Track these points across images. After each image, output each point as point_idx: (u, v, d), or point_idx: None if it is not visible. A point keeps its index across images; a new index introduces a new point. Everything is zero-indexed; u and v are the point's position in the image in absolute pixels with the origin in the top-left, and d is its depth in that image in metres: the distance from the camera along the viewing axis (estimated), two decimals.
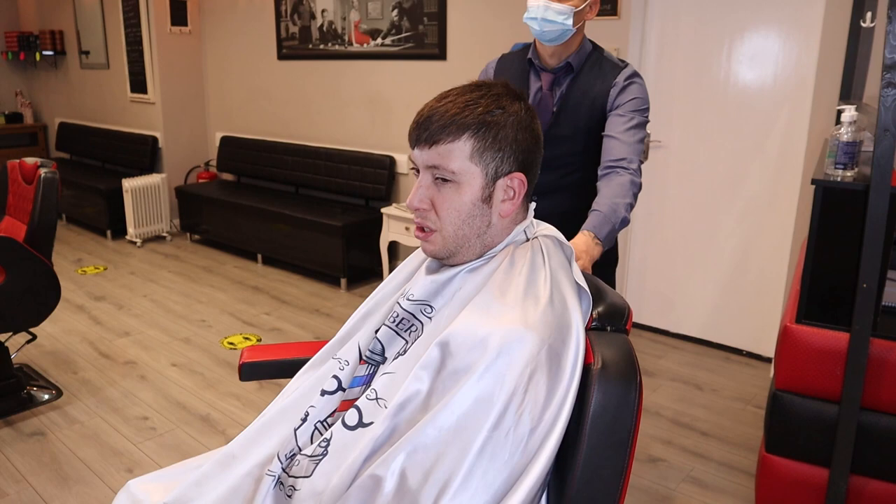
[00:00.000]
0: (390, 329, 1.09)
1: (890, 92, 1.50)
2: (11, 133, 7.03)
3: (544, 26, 1.67)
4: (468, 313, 0.98)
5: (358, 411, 1.00)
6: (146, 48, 5.53)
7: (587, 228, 1.55)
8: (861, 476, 1.74)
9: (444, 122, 1.02)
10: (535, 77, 1.79)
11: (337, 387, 1.09)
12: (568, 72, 1.76)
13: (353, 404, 1.02)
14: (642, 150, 1.70)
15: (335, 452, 0.98)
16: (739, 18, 3.18)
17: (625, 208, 1.60)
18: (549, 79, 1.77)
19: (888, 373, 1.66)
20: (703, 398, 3.00)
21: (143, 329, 3.72)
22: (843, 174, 1.72)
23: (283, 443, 1.07)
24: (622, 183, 1.63)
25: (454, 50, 4.10)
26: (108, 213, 5.45)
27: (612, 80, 1.72)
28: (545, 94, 1.77)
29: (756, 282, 3.34)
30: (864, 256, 1.59)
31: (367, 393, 1.02)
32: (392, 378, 1.01)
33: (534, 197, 1.20)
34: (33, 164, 2.82)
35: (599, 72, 1.74)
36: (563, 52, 1.74)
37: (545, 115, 1.77)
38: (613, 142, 1.69)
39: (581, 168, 1.79)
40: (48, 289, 2.77)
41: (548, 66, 1.77)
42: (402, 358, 1.03)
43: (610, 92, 1.71)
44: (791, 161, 3.12)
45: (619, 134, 1.68)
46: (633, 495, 2.32)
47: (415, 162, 1.08)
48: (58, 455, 2.53)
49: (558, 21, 1.65)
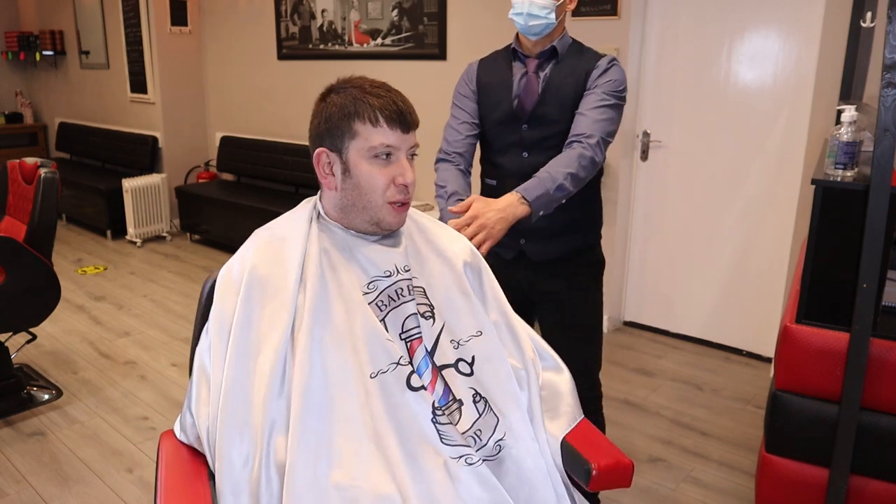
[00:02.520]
0: (395, 308, 1.17)
1: (890, 92, 1.50)
2: (11, 133, 7.03)
3: (529, 21, 1.74)
4: (441, 245, 1.32)
5: (460, 360, 1.21)
6: (146, 48, 5.54)
7: (517, 190, 1.59)
8: (861, 476, 1.74)
9: (411, 108, 1.19)
10: (519, 64, 1.85)
11: (419, 385, 1.14)
12: (552, 56, 1.82)
13: (450, 366, 1.19)
14: (609, 130, 1.73)
15: (486, 386, 1.20)
16: (739, 18, 3.18)
17: (564, 177, 1.63)
18: (534, 63, 1.83)
19: (888, 373, 1.66)
20: (703, 398, 3.00)
21: (143, 329, 3.72)
22: (843, 174, 1.72)
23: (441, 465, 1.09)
24: (571, 154, 1.67)
25: (454, 50, 4.10)
26: (108, 213, 5.45)
27: (594, 63, 1.78)
28: (531, 76, 1.82)
29: (756, 282, 3.34)
30: (864, 256, 1.59)
31: (441, 341, 1.20)
32: (451, 318, 1.23)
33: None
34: (33, 164, 2.82)
35: (581, 56, 1.81)
36: (546, 42, 1.81)
37: (531, 97, 1.81)
38: (580, 117, 1.74)
39: (561, 148, 1.79)
40: (48, 289, 2.77)
41: (531, 53, 1.83)
42: (435, 308, 1.22)
43: (592, 73, 1.77)
44: (791, 161, 3.12)
45: (587, 111, 1.73)
46: (634, 495, 2.32)
47: (392, 145, 1.16)
48: (58, 455, 2.53)
49: (542, 15, 1.73)
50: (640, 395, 3.02)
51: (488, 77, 1.89)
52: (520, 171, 1.80)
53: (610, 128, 1.74)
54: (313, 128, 1.22)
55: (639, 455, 2.55)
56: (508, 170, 1.85)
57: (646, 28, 3.43)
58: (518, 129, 1.82)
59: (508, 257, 1.89)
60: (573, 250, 1.88)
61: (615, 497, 2.29)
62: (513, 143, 1.84)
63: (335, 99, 1.19)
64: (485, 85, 1.88)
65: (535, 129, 1.81)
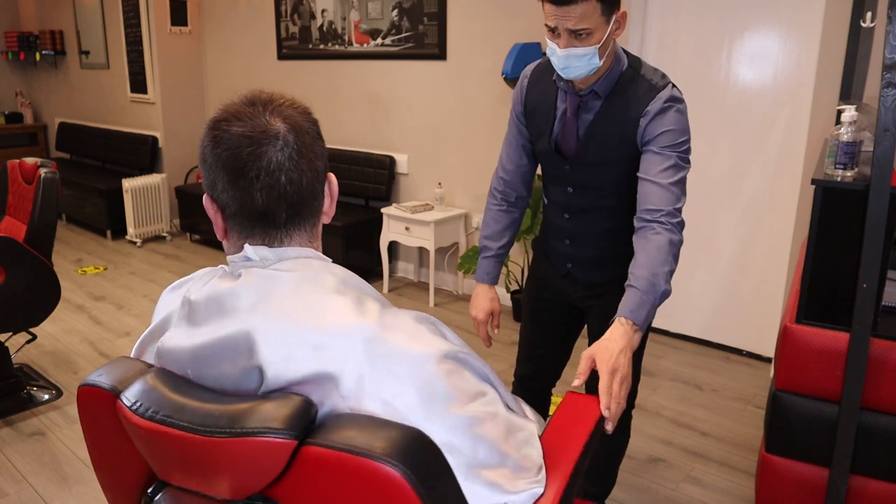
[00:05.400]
0: None
1: (890, 92, 1.50)
2: (11, 133, 7.03)
3: (569, 72, 1.53)
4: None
5: None
6: (146, 48, 5.53)
7: (624, 315, 1.43)
8: (861, 476, 1.74)
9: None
10: (562, 98, 1.66)
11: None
12: (595, 98, 1.61)
13: None
14: (682, 193, 1.54)
15: None
16: (739, 18, 3.18)
17: (664, 278, 1.48)
18: (574, 102, 1.63)
19: (888, 373, 1.66)
20: (703, 398, 3.00)
21: (143, 329, 3.72)
22: (843, 174, 1.72)
23: None
24: (660, 246, 1.50)
25: (454, 50, 4.10)
26: (108, 213, 5.45)
27: (643, 108, 1.55)
28: (569, 119, 1.64)
29: (756, 282, 3.34)
30: (864, 256, 1.59)
31: None
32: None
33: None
34: (33, 164, 2.82)
35: (633, 96, 1.57)
36: (591, 79, 1.58)
37: (570, 140, 1.66)
38: (648, 186, 1.54)
39: (615, 193, 1.69)
40: (48, 289, 2.77)
41: (574, 89, 1.62)
42: None
43: (640, 122, 1.55)
44: (791, 161, 3.12)
45: (654, 176, 1.53)
46: (633, 495, 2.32)
47: None
48: (58, 455, 2.53)
49: (582, 63, 1.50)
50: (641, 395, 3.02)
51: (535, 100, 1.72)
52: (565, 205, 1.75)
53: (682, 190, 1.55)
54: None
55: (639, 455, 2.55)
56: (555, 200, 1.78)
57: (646, 28, 3.43)
58: (560, 168, 1.71)
59: (560, 273, 1.86)
60: (620, 277, 1.71)
61: (615, 497, 2.29)
62: (557, 176, 1.74)
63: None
64: (531, 109, 1.73)
65: (578, 171, 1.69)
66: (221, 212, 0.95)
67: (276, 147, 0.89)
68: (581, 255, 1.79)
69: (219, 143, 0.91)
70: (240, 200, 0.91)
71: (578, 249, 1.79)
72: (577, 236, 1.78)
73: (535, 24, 3.72)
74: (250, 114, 0.91)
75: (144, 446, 0.87)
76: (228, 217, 0.94)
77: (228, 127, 0.91)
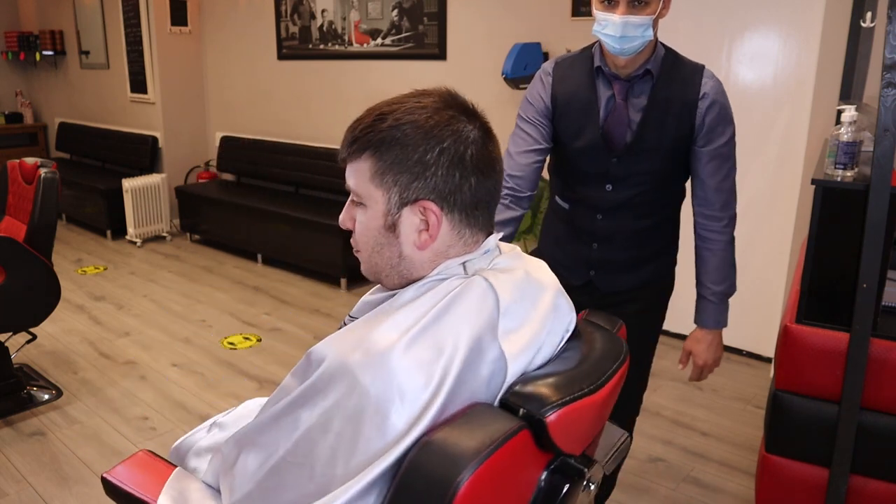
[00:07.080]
0: None
1: (890, 92, 1.50)
2: (11, 133, 7.03)
3: (624, 43, 1.48)
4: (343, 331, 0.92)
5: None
6: (146, 48, 5.53)
7: (710, 326, 1.74)
8: (861, 476, 1.74)
9: (353, 136, 0.95)
10: (605, 86, 1.59)
11: None
12: (646, 78, 1.57)
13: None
14: (735, 188, 1.66)
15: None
16: (739, 18, 3.18)
17: (732, 282, 1.74)
18: (623, 87, 1.57)
19: (888, 373, 1.65)
20: (703, 398, 3.00)
21: (143, 329, 3.72)
22: (843, 174, 1.72)
23: None
24: (725, 256, 1.70)
25: (454, 50, 4.10)
26: (108, 213, 5.45)
27: (697, 89, 1.56)
28: (619, 104, 1.57)
29: (756, 282, 3.34)
30: (864, 256, 1.58)
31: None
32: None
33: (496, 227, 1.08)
34: (33, 164, 2.82)
35: (679, 76, 1.57)
36: (639, 59, 1.55)
37: (621, 128, 1.58)
38: (704, 185, 1.63)
39: (650, 183, 1.64)
40: (48, 289, 2.77)
41: (621, 73, 1.56)
42: None
43: (698, 105, 1.55)
44: (791, 161, 3.12)
45: (719, 181, 1.61)
46: (633, 495, 2.32)
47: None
48: (58, 455, 2.53)
49: (638, 34, 1.48)
50: None
51: (567, 94, 1.61)
52: (600, 204, 1.65)
53: (735, 185, 1.65)
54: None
55: (639, 455, 2.54)
56: (585, 201, 1.68)
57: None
58: (605, 162, 1.60)
59: (576, 284, 1.73)
60: (644, 283, 1.76)
61: (615, 497, 2.29)
62: (597, 173, 1.63)
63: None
64: (563, 103, 1.62)
65: (626, 163, 1.60)
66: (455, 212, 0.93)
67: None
68: (610, 260, 1.71)
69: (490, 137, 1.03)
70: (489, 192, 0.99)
71: (606, 253, 1.71)
72: (608, 238, 1.70)
73: (536, 24, 3.71)
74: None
75: (584, 425, 0.94)
76: (467, 212, 0.95)
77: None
